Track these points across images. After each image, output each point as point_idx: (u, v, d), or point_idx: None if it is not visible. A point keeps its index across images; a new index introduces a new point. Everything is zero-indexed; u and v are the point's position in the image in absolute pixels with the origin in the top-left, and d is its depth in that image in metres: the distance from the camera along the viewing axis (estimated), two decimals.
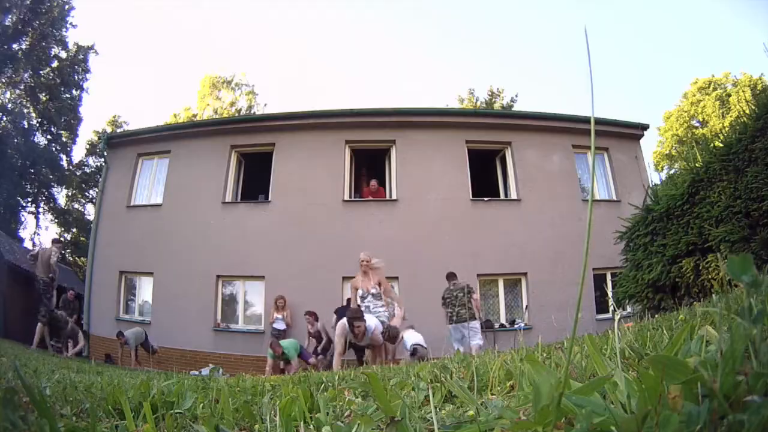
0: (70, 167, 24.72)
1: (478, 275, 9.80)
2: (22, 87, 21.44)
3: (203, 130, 11.77)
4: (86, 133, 38.44)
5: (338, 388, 0.85)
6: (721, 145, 3.81)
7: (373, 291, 5.83)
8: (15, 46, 20.66)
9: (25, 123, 21.76)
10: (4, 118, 20.88)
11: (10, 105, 21.10)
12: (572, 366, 0.64)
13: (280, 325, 8.97)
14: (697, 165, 3.98)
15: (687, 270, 3.72)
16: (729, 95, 25.39)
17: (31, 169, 21.94)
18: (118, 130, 22.34)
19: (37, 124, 22.51)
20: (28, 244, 21.55)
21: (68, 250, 25.54)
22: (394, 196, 10.38)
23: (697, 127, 26.21)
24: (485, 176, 10.99)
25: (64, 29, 22.14)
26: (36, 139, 22.32)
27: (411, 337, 6.63)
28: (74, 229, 25.55)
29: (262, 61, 47.46)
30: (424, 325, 8.86)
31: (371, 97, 54.33)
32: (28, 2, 20.44)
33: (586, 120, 10.22)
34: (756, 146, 3.38)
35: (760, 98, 3.81)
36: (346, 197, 10.39)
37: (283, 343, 7.64)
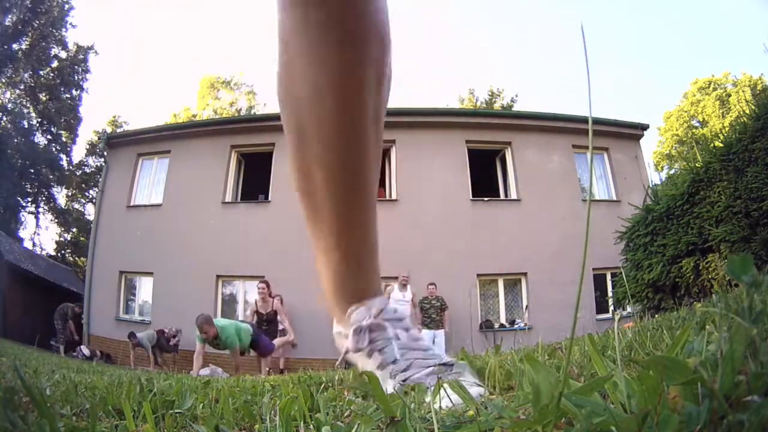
0: (70, 167, 24.75)
1: (478, 275, 9.80)
2: (22, 87, 21.45)
3: (203, 130, 11.77)
4: (86, 133, 38.46)
5: (338, 388, 0.85)
6: (721, 145, 3.81)
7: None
8: (15, 46, 20.68)
9: (25, 123, 21.77)
10: (4, 118, 20.89)
11: (10, 105, 21.11)
12: (572, 366, 0.65)
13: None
14: (697, 165, 3.98)
15: (687, 270, 3.72)
16: (729, 95, 25.39)
17: (31, 169, 21.96)
18: (118, 130, 22.34)
19: (37, 124, 22.53)
20: (28, 244, 21.59)
21: (68, 250, 25.57)
22: (394, 196, 10.38)
23: (697, 127, 26.22)
24: (485, 176, 10.99)
25: (64, 29, 22.17)
26: (36, 139, 22.35)
27: None
28: (74, 229, 25.56)
29: (263, 61, 47.50)
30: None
31: None
32: (28, 2, 20.44)
33: (586, 120, 10.20)
34: (756, 146, 3.38)
35: (760, 98, 3.81)
36: None
37: (221, 323, 5.56)
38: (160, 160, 11.46)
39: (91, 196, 25.00)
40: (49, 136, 23.09)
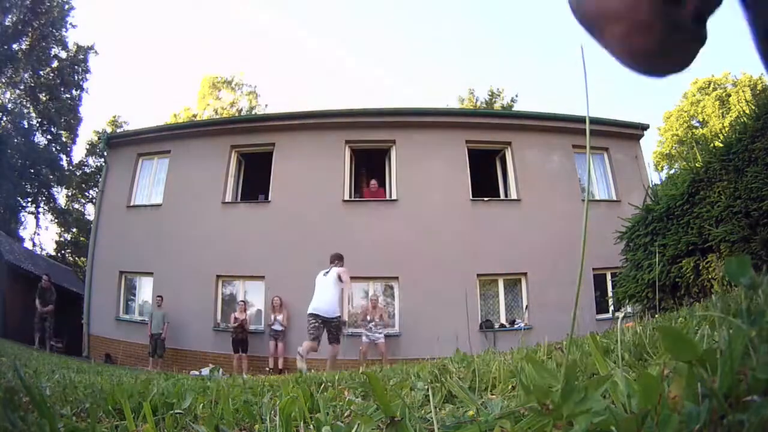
0: (70, 167, 24.76)
1: (478, 275, 9.79)
2: (22, 87, 21.45)
3: (203, 130, 11.76)
4: (86, 133, 38.45)
5: (338, 388, 0.85)
6: (721, 145, 3.81)
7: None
8: (15, 46, 20.67)
9: (25, 123, 21.77)
10: (4, 118, 20.89)
11: (10, 105, 21.11)
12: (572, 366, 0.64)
13: (277, 326, 8.98)
14: (697, 165, 3.98)
15: (687, 270, 3.72)
16: (729, 95, 25.38)
17: (31, 169, 21.95)
18: (118, 130, 22.34)
19: (37, 124, 22.53)
20: (28, 244, 21.59)
21: (68, 250, 25.57)
22: (394, 196, 10.38)
23: (697, 127, 26.21)
24: (485, 176, 10.99)
25: (64, 29, 22.18)
26: (36, 139, 22.36)
27: None
28: (74, 229, 25.55)
29: (262, 61, 47.49)
30: (422, 325, 8.87)
31: (371, 97, 54.37)
32: (28, 2, 20.44)
33: (585, 120, 10.20)
34: (756, 146, 3.37)
35: (760, 98, 3.81)
36: (346, 197, 10.39)
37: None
38: (160, 160, 11.45)
39: (91, 196, 25.00)
40: (49, 136, 23.10)
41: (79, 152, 27.47)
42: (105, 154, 12.54)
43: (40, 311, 9.94)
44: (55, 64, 22.52)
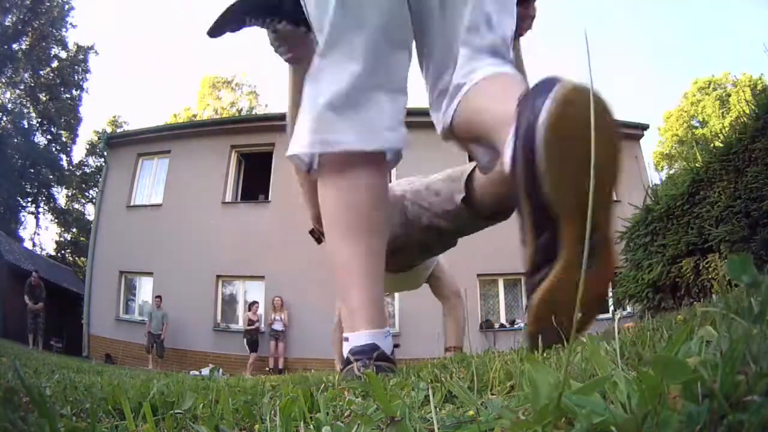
0: (70, 167, 24.77)
1: (478, 275, 9.79)
2: (22, 87, 21.46)
3: (203, 130, 11.77)
4: (86, 133, 38.44)
5: (338, 388, 0.85)
6: (721, 145, 3.80)
7: None
8: (15, 46, 20.69)
9: (25, 123, 21.79)
10: (4, 118, 20.90)
11: (10, 105, 21.12)
12: (572, 366, 0.65)
13: (278, 326, 8.99)
14: (697, 165, 3.97)
15: (687, 270, 3.72)
16: (729, 95, 25.40)
17: (31, 169, 21.97)
18: (118, 130, 22.34)
19: (37, 124, 22.54)
20: (28, 244, 21.61)
21: (68, 250, 25.58)
22: None
23: (697, 127, 26.23)
24: None
25: (64, 29, 22.19)
26: (36, 139, 22.37)
27: None
28: (74, 229, 25.56)
29: (262, 61, 47.50)
30: (421, 326, 8.87)
31: None
32: (28, 2, 20.45)
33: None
34: (756, 146, 3.37)
35: (760, 98, 3.81)
36: None
37: None
38: (160, 160, 11.46)
39: (91, 196, 25.00)
40: (49, 136, 23.12)
41: (79, 152, 27.49)
42: (105, 154, 12.57)
43: (32, 308, 9.81)
44: (55, 64, 22.54)
